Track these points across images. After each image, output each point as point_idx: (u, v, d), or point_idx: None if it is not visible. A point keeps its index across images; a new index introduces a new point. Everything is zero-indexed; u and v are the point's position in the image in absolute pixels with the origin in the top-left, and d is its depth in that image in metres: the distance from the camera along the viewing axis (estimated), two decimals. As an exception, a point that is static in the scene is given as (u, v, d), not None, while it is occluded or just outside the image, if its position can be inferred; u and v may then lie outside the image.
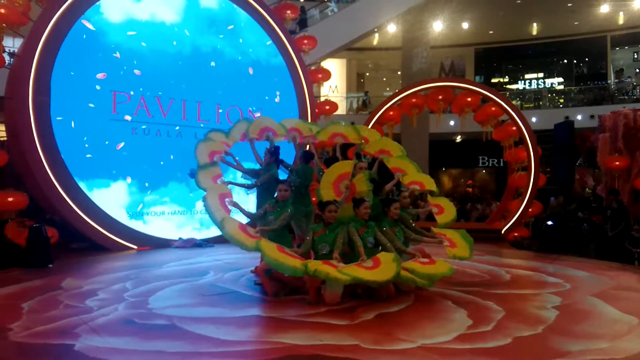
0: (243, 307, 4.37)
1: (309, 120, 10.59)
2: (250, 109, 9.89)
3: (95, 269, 6.39)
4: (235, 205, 5.04)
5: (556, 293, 5.04)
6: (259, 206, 5.67)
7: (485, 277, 5.90)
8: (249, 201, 6.41)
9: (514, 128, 10.30)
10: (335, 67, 20.79)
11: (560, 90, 20.32)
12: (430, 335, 3.63)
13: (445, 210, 5.70)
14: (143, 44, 8.55)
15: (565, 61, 21.89)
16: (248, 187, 5.71)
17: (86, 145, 7.85)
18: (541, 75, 22.11)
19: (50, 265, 6.47)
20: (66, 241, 8.10)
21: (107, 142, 8.09)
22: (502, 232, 9.97)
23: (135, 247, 8.17)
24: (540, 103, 19.33)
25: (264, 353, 3.26)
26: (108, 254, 7.67)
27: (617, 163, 10.29)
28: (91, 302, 4.57)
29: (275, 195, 5.37)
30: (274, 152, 5.83)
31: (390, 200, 5.13)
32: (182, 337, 3.57)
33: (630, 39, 20.02)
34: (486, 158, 20.35)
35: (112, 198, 8.09)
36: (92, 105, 7.93)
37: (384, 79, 23.89)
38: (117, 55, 8.24)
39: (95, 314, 4.17)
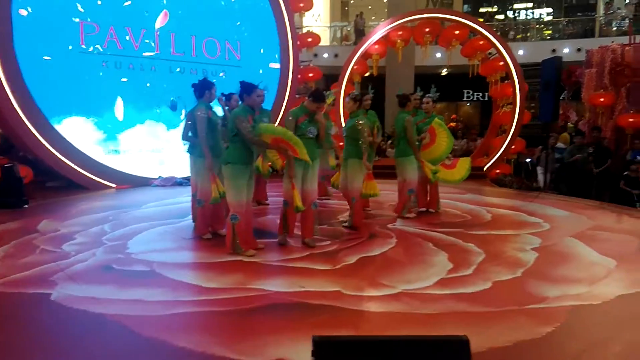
0: (224, 252, 4.30)
1: (291, 53, 10.18)
2: (227, 41, 9.42)
3: (73, 210, 6.25)
4: None
5: (536, 234, 5.10)
6: None
7: (467, 218, 5.93)
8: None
9: (501, 63, 10.04)
10: (319, -7, 19.81)
11: (548, 21, 19.75)
12: (412, 280, 3.64)
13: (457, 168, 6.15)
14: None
15: (556, -10, 21.18)
16: None
17: (56, 80, 7.44)
18: (530, 5, 21.42)
19: (26, 206, 6.31)
20: (42, 180, 7.89)
21: (77, 76, 7.67)
22: (484, 169, 9.99)
23: (113, 185, 8.01)
24: (528, 34, 18.83)
25: (246, 301, 3.22)
26: (86, 193, 7.50)
27: (602, 99, 10.16)
28: (68, 246, 4.47)
29: None
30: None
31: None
32: (162, 285, 3.52)
33: (623, -32, 19.27)
34: (471, 92, 20.09)
35: (86, 135, 7.80)
36: (58, 37, 7.43)
37: (370, 7, 22.90)
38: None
39: (72, 259, 4.08)
